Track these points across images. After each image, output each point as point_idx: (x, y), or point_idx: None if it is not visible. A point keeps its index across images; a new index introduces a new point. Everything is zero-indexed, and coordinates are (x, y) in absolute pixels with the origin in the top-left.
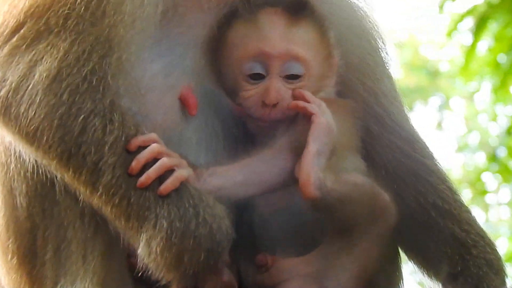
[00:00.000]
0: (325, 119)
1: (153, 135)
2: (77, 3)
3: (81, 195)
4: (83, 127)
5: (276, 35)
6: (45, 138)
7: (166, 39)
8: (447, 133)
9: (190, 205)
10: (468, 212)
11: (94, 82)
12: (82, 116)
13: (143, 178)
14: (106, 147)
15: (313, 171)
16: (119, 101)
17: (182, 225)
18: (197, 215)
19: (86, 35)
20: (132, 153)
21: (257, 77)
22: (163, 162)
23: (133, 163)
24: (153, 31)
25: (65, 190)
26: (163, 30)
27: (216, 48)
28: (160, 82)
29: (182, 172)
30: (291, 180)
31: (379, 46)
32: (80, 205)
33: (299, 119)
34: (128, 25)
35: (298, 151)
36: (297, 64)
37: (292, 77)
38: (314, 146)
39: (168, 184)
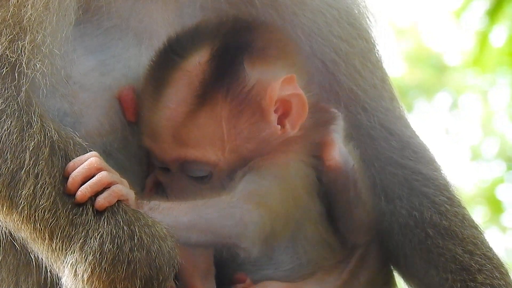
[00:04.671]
0: None
1: (93, 153)
2: None
3: None
4: None
5: (165, 137)
6: None
7: (100, 31)
8: (458, 138)
9: (124, 223)
10: (473, 227)
11: (4, 71)
12: None
13: (78, 196)
14: (27, 154)
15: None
16: (37, 92)
17: (115, 247)
18: (132, 235)
19: None
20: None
21: (164, 170)
22: (102, 176)
23: (69, 183)
24: (72, 14)
25: None
26: (92, 20)
27: None
28: (95, 79)
29: (121, 188)
30: (247, 236)
31: (361, 28)
32: None
33: (258, 164)
34: (37, 2)
35: (259, 203)
36: (196, 168)
37: (197, 179)
38: None
39: (101, 199)
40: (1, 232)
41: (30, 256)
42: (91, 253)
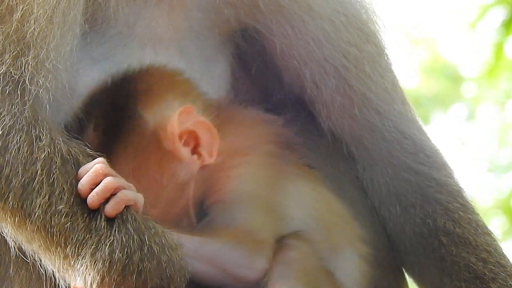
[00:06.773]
0: None
1: (99, 159)
2: None
3: (7, 229)
4: (3, 146)
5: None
6: None
7: (105, 39)
8: (474, 149)
9: (135, 231)
10: (487, 234)
11: (8, 89)
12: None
13: (88, 203)
14: (38, 165)
15: None
16: (43, 107)
17: (124, 256)
18: (141, 244)
19: None
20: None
21: None
22: (107, 181)
23: (79, 191)
24: (77, 27)
25: None
26: (97, 30)
27: None
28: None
29: (127, 194)
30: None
31: (370, 33)
32: None
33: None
34: (40, 17)
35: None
36: None
37: None
38: None
39: (108, 209)
40: (14, 246)
41: (42, 270)
42: (101, 261)
